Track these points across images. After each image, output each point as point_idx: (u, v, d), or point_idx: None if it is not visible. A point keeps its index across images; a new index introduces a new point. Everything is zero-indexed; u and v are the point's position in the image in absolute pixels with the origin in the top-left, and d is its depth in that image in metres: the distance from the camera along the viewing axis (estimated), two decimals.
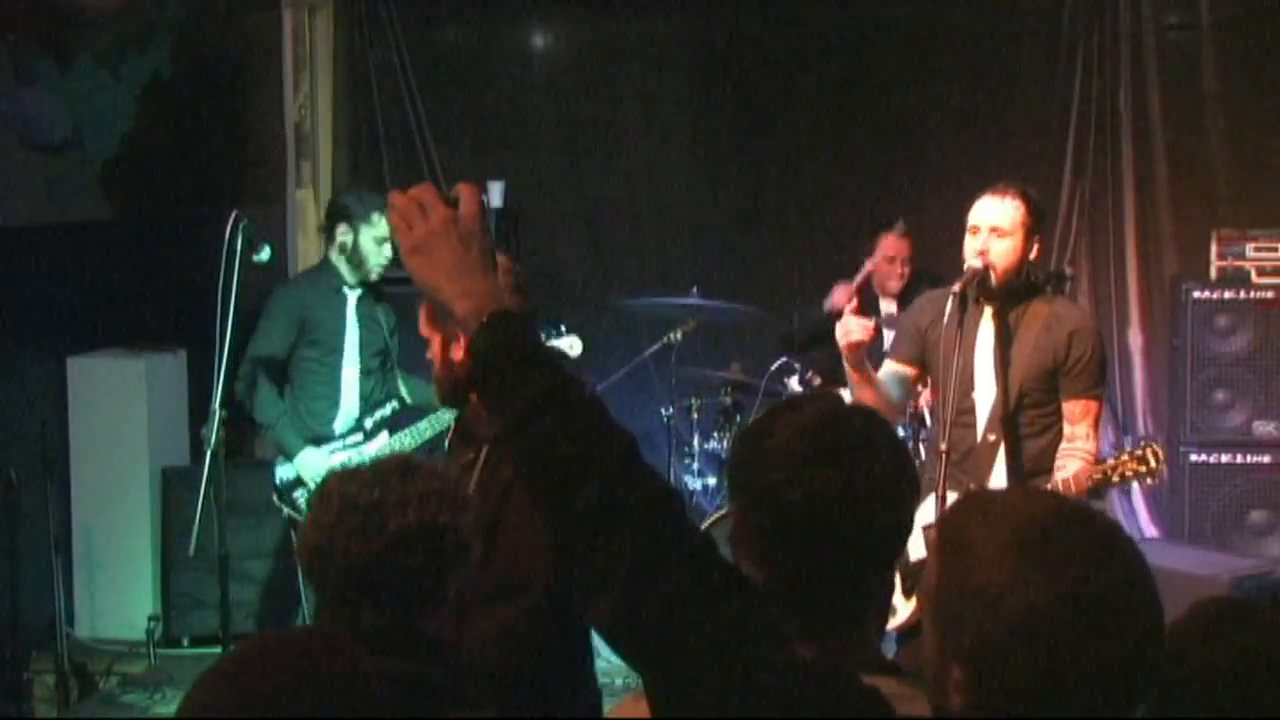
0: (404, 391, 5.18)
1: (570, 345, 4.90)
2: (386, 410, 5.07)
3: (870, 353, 5.95)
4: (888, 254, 5.91)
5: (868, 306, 6.05)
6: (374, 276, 5.01)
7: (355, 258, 4.96)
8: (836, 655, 1.55)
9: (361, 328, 5.02)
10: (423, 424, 5.01)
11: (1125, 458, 3.71)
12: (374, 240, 4.94)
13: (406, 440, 5.00)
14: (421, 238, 1.49)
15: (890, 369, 4.15)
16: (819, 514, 1.54)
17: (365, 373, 5.03)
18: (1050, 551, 1.27)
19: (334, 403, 4.97)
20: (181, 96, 6.23)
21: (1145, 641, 1.28)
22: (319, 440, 4.89)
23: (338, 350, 4.96)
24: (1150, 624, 1.29)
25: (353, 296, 5.02)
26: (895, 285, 5.93)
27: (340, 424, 4.98)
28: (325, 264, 5.06)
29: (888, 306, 5.99)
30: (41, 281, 5.53)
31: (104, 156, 5.82)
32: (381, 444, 4.98)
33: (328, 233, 5.06)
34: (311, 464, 4.80)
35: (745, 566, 1.59)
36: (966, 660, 1.28)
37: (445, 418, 4.92)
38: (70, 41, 5.59)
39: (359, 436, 4.97)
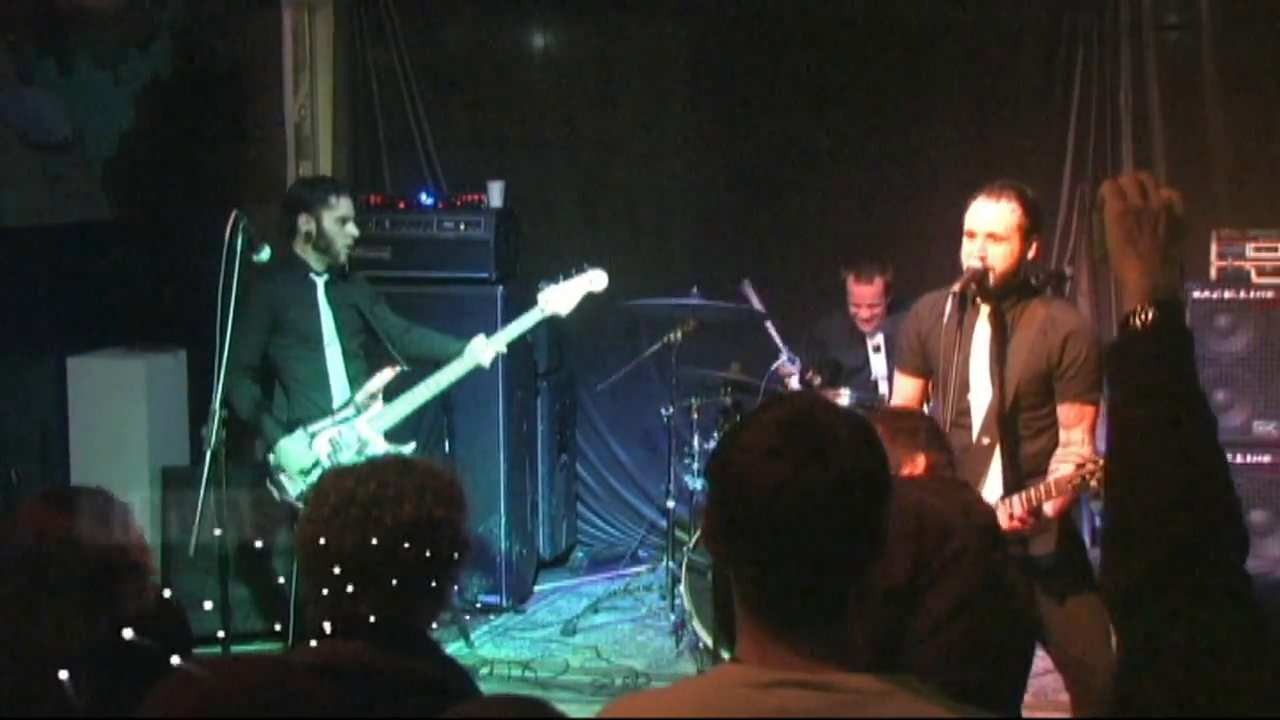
0: (410, 350, 5.19)
1: (592, 280, 5.16)
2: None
3: (862, 375, 6.02)
4: (854, 301, 5.99)
5: (855, 344, 6.08)
6: (343, 258, 5.11)
7: (322, 242, 5.05)
8: (806, 652, 1.55)
9: (336, 311, 5.11)
10: (443, 374, 5.05)
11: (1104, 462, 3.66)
12: (336, 221, 5.04)
13: (421, 393, 5.06)
14: (1138, 206, 1.61)
15: (901, 382, 4.13)
16: (763, 509, 1.53)
17: (349, 355, 5.13)
18: None
19: (324, 387, 5.07)
20: (181, 96, 6.24)
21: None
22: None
23: (315, 337, 5.06)
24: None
25: (320, 283, 5.11)
26: (870, 326, 6.00)
27: (334, 406, 5.09)
28: (291, 257, 5.10)
29: (873, 340, 6.03)
30: (41, 281, 5.53)
31: (104, 156, 5.82)
32: (375, 412, 5.03)
33: (288, 228, 5.09)
34: (288, 452, 4.92)
35: (717, 559, 1.59)
36: None
37: (462, 366, 5.04)
38: (70, 41, 5.59)
39: (349, 411, 5.02)
